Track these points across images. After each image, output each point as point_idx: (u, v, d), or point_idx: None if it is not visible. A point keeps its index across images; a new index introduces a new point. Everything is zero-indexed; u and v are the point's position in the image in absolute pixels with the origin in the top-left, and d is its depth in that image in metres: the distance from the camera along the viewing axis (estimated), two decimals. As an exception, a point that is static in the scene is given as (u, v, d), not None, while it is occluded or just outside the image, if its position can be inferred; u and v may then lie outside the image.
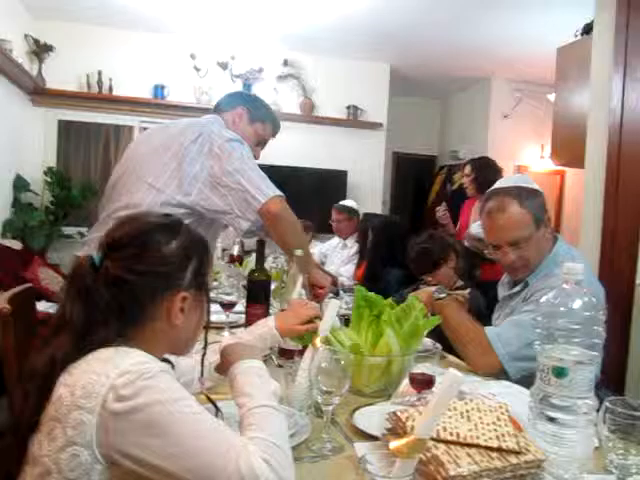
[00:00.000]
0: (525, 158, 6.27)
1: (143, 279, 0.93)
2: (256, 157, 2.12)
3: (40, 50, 4.85)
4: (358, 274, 3.53)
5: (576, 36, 3.09)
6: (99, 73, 5.08)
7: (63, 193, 4.91)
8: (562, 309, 1.00)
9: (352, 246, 4.23)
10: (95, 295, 0.91)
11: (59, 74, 4.97)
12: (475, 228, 3.55)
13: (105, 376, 0.82)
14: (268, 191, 1.81)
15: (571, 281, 1.01)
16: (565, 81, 3.16)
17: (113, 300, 0.91)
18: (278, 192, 1.84)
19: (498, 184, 1.71)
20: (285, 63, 5.57)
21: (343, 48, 5.46)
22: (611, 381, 1.12)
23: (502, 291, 1.85)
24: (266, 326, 1.38)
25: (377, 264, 3.13)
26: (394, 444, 0.75)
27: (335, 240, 4.43)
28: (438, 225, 4.08)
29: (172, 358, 1.11)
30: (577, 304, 0.99)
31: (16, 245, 4.37)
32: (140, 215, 1.04)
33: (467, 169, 3.94)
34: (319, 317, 1.34)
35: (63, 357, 0.87)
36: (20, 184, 4.80)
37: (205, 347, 1.09)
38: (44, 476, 0.82)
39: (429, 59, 5.68)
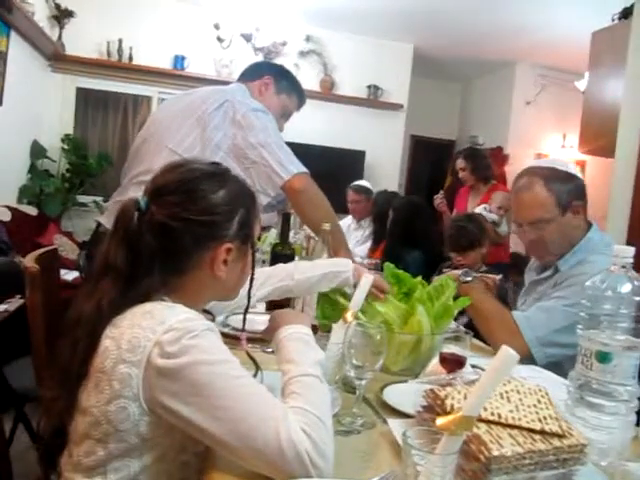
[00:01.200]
0: (546, 147, 6.17)
1: (188, 227, 0.91)
2: (280, 129, 2.08)
3: (61, 15, 4.80)
4: (375, 255, 3.49)
5: (613, 20, 3.00)
6: (120, 41, 5.03)
7: (79, 161, 4.89)
8: (609, 293, 0.97)
9: (367, 227, 4.19)
10: (139, 240, 0.89)
11: (79, 41, 4.92)
12: (481, 210, 3.58)
13: (151, 331, 0.81)
14: (292, 168, 1.78)
15: (619, 264, 0.98)
16: (598, 67, 3.08)
17: (157, 247, 0.90)
18: (303, 169, 1.81)
19: (534, 163, 1.66)
20: (308, 39, 5.49)
21: (366, 26, 5.36)
22: None
23: (529, 276, 1.81)
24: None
25: (397, 244, 3.09)
26: (440, 420, 0.72)
27: (348, 220, 4.38)
28: (437, 213, 4.07)
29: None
30: (626, 288, 0.96)
31: (32, 211, 4.37)
32: (188, 162, 1.01)
33: (460, 163, 3.93)
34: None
35: (109, 303, 0.87)
36: (37, 150, 4.78)
37: (248, 301, 1.07)
38: (95, 426, 0.82)
39: (454, 41, 5.57)
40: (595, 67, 3.11)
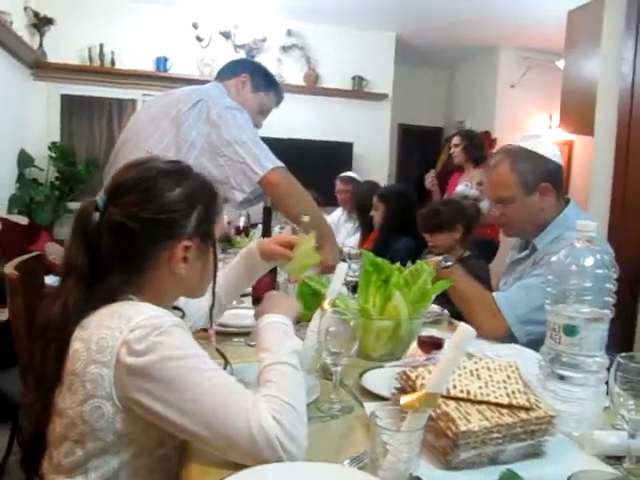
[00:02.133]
0: (533, 129, 6.17)
1: (145, 226, 0.92)
2: (258, 126, 2.10)
3: (40, 23, 4.78)
4: (366, 247, 3.51)
5: (587, -1, 3.01)
6: (101, 46, 5.01)
7: (68, 168, 4.89)
8: (573, 267, 0.99)
9: (357, 218, 4.20)
10: (99, 240, 0.91)
11: (60, 48, 4.90)
12: (462, 187, 3.66)
13: (118, 330, 0.82)
14: (267, 164, 1.78)
15: (583, 239, 1.00)
16: (575, 46, 3.09)
17: (116, 246, 0.91)
18: (278, 163, 1.81)
19: (517, 141, 1.68)
20: (289, 33, 5.48)
21: (347, 17, 5.36)
22: (618, 344, 1.12)
23: (511, 256, 1.83)
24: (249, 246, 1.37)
25: (387, 234, 3.11)
26: (405, 399, 0.74)
27: (338, 212, 4.40)
28: (427, 193, 4.12)
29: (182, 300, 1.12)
30: (589, 262, 0.98)
31: (22, 220, 4.36)
32: (147, 160, 1.01)
33: (455, 140, 4.06)
34: (293, 245, 1.30)
35: (74, 305, 0.88)
36: (24, 159, 4.78)
37: (213, 298, 1.08)
38: (72, 427, 0.84)
39: (435, 28, 5.57)
40: (571, 46, 3.12)
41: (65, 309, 0.88)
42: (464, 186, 3.79)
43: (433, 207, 2.57)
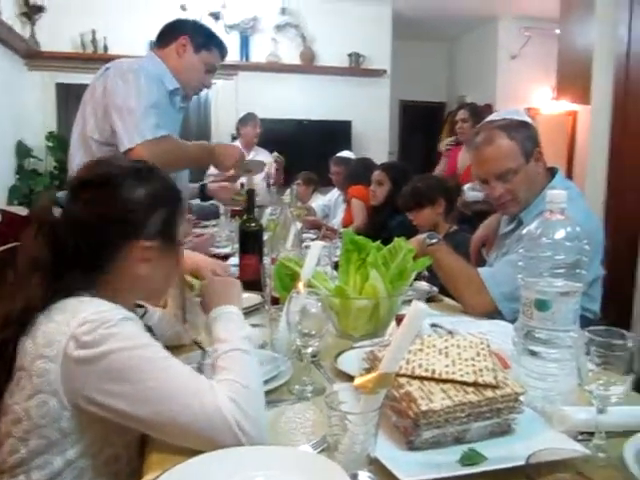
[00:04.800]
0: (535, 100, 6.07)
1: (104, 224, 0.91)
2: (207, 85, 2.13)
3: (31, 11, 4.75)
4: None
5: (581, -38, 2.92)
6: (93, 32, 4.98)
7: (66, 158, 4.86)
8: (544, 239, 0.96)
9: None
10: (58, 236, 0.90)
11: (52, 36, 4.88)
12: (468, 189, 3.44)
13: (65, 324, 0.81)
14: (134, 137, 1.74)
15: (555, 210, 0.97)
16: (570, 12, 3.01)
17: (76, 243, 0.90)
18: (147, 136, 1.75)
19: (488, 118, 1.64)
20: (283, 12, 5.40)
21: (342, -8, 5.26)
22: (615, 320, 1.08)
23: (500, 230, 1.80)
24: None
25: (381, 211, 3.08)
26: (358, 380, 0.72)
27: (334, 193, 4.36)
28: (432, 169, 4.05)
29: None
30: (560, 234, 0.95)
31: (22, 211, 4.37)
32: (111, 158, 1.01)
33: (463, 113, 3.75)
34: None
35: (35, 301, 0.86)
36: (22, 150, 4.79)
37: (183, 301, 1.07)
38: (15, 423, 0.83)
39: (432, 0, 5.45)
40: (566, 13, 3.04)
41: (27, 305, 0.86)
42: (469, 189, 3.48)
43: (411, 185, 2.54)
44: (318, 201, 4.36)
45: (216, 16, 5.12)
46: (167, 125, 1.83)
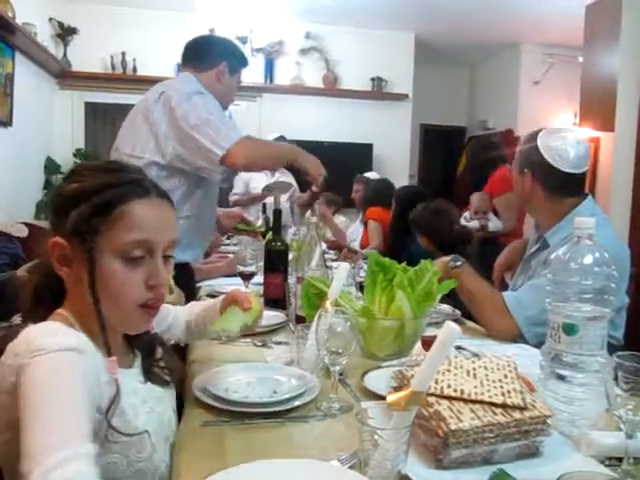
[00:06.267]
0: (557, 126, 6.07)
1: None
2: (233, 100, 2.20)
3: (64, 33, 4.92)
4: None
5: (606, -8, 2.95)
6: (122, 54, 5.13)
7: (93, 174, 5.00)
8: (572, 265, 0.97)
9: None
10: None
11: (83, 56, 5.04)
12: (462, 220, 3.50)
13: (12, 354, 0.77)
14: (224, 143, 1.79)
15: (583, 236, 0.98)
16: (594, 40, 3.03)
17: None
18: (234, 137, 1.80)
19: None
20: (307, 36, 5.51)
21: (366, 18, 5.36)
22: (638, 348, 1.08)
23: (527, 250, 1.81)
24: None
25: (399, 235, 3.10)
26: (390, 397, 0.74)
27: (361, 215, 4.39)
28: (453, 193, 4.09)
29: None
30: (588, 259, 0.96)
31: (48, 226, 4.48)
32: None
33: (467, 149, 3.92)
34: None
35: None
36: (51, 166, 4.91)
37: (102, 324, 0.85)
38: None
39: (455, 26, 5.53)
40: (590, 40, 3.06)
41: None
42: (464, 219, 3.60)
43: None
44: (338, 221, 4.40)
45: (243, 40, 5.24)
46: None
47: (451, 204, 2.87)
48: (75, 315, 0.87)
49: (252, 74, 5.00)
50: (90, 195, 0.85)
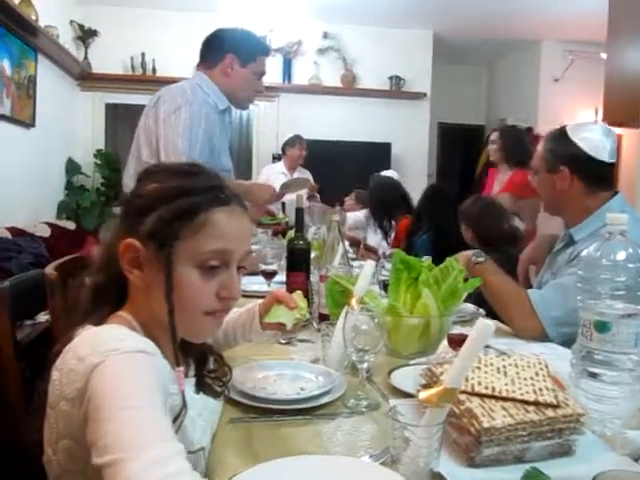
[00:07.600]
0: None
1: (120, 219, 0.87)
2: (260, 90, 2.16)
3: (85, 35, 4.98)
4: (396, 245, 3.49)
5: (630, -14, 2.90)
6: (142, 55, 5.17)
7: (112, 174, 5.06)
8: (604, 261, 0.95)
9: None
10: None
11: (104, 58, 5.10)
12: None
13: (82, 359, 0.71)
14: (171, 158, 1.84)
15: (614, 232, 0.97)
16: (618, 35, 2.98)
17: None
18: (182, 158, 1.82)
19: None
20: (325, 36, 5.51)
21: (383, 17, 5.34)
22: None
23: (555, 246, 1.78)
24: None
25: (411, 231, 3.10)
26: (423, 394, 0.74)
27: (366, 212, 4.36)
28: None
29: None
30: (620, 256, 0.94)
31: (70, 225, 4.55)
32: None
33: (493, 136, 3.88)
34: None
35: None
36: (72, 167, 4.98)
37: (174, 333, 0.81)
38: (47, 464, 0.78)
39: (473, 24, 5.49)
40: (614, 35, 3.01)
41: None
42: None
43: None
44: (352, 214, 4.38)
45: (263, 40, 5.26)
46: (221, 143, 1.92)
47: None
48: (138, 319, 0.83)
49: (270, 74, 4.99)
50: (171, 198, 0.81)
